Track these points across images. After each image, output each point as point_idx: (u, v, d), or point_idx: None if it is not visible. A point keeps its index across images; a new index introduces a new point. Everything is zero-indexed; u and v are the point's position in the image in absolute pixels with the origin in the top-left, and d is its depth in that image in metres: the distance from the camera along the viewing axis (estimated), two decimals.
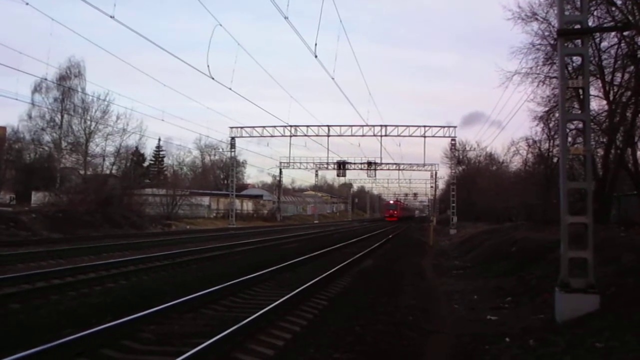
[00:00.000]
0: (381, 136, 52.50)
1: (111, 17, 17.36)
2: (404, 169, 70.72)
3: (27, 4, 16.52)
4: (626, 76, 23.08)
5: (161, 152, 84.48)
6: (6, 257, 17.30)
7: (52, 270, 14.74)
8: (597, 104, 24.31)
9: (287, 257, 18.51)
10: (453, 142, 55.78)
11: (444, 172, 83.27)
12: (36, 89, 51.56)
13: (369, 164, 65.77)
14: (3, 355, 6.19)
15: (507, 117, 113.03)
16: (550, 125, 28.30)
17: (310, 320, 9.71)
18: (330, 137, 53.64)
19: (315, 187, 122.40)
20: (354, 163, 66.49)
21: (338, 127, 52.93)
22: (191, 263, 18.44)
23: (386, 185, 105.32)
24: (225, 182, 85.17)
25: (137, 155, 61.23)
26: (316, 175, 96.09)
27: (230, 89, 27.37)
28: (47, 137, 54.01)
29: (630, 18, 18.17)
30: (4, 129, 57.65)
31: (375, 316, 9.83)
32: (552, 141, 30.90)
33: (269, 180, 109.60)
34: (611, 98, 23.54)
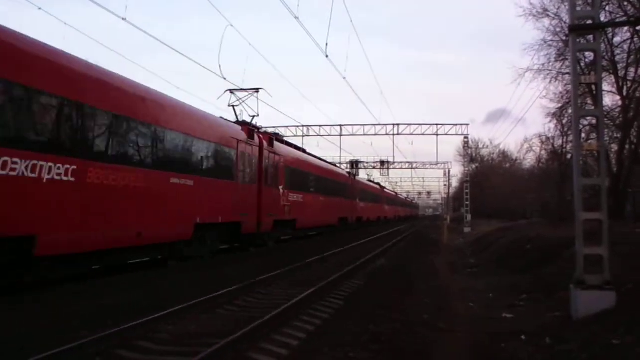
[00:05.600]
0: (393, 135, 52.26)
1: (123, 19, 17.36)
2: (416, 168, 70.41)
3: (39, 8, 16.54)
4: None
5: None
6: None
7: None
8: (610, 100, 24.30)
9: (301, 257, 18.52)
10: (466, 139, 55.47)
11: (457, 170, 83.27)
12: None
13: (382, 162, 65.59)
14: (23, 357, 6.29)
15: (519, 114, 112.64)
16: (564, 121, 28.33)
17: (325, 319, 9.72)
18: (342, 137, 53.59)
19: None
20: (367, 162, 66.33)
21: (350, 127, 52.89)
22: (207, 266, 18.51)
23: (399, 183, 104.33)
24: None
25: None
26: None
27: (242, 89, 27.41)
28: None
29: None
30: None
31: (390, 315, 9.84)
32: (565, 137, 30.91)
33: None
34: (625, 93, 23.50)
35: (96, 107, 12.69)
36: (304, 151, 34.23)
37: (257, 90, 25.03)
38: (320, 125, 52.43)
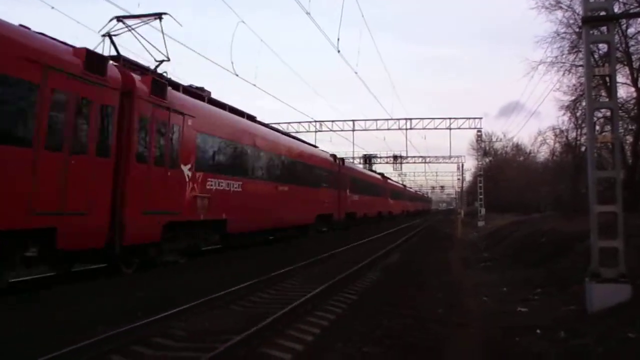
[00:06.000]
0: (406, 129, 52.16)
1: None
2: (430, 162, 70.26)
3: (52, 7, 16.66)
4: None
5: None
6: None
7: None
8: (625, 91, 24.07)
9: (315, 253, 18.55)
10: (479, 133, 55.28)
11: (470, 164, 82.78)
12: None
13: (395, 157, 65.53)
14: (41, 353, 6.33)
15: (533, 107, 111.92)
16: (577, 114, 28.13)
17: (339, 314, 9.75)
18: (355, 132, 53.49)
19: None
20: (380, 157, 66.27)
21: (363, 122, 52.80)
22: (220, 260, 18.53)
23: (413, 178, 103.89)
24: None
25: None
26: None
27: (254, 85, 27.43)
28: None
29: None
30: None
31: (403, 310, 9.83)
32: (579, 130, 30.68)
33: None
34: (639, 85, 23.22)
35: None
36: (252, 119, 22.43)
37: (159, 16, 15.55)
38: (332, 121, 52.42)
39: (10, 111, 10.22)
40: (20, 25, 11.07)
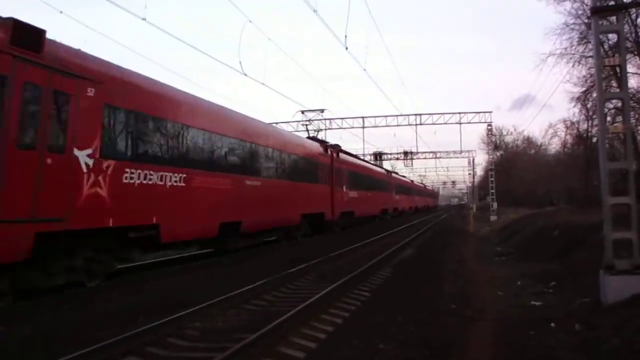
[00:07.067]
0: (416, 125, 51.99)
1: (143, 19, 17.48)
2: (440, 157, 69.88)
3: (61, 12, 16.77)
4: None
5: None
6: None
7: None
8: (636, 82, 23.95)
9: (331, 249, 18.60)
10: (489, 127, 54.98)
11: (481, 159, 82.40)
12: None
13: (406, 153, 65.22)
14: (53, 355, 6.41)
15: (544, 100, 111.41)
16: (588, 105, 28.04)
17: (352, 311, 9.77)
18: (365, 128, 53.33)
19: None
20: (390, 153, 66.00)
21: (373, 118, 52.65)
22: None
23: (424, 174, 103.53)
24: None
25: None
26: None
27: (263, 83, 27.44)
28: None
29: None
30: None
31: (417, 305, 9.83)
32: (590, 121, 30.56)
33: None
34: None
35: None
36: None
37: None
38: (342, 118, 52.34)
39: None
40: None
